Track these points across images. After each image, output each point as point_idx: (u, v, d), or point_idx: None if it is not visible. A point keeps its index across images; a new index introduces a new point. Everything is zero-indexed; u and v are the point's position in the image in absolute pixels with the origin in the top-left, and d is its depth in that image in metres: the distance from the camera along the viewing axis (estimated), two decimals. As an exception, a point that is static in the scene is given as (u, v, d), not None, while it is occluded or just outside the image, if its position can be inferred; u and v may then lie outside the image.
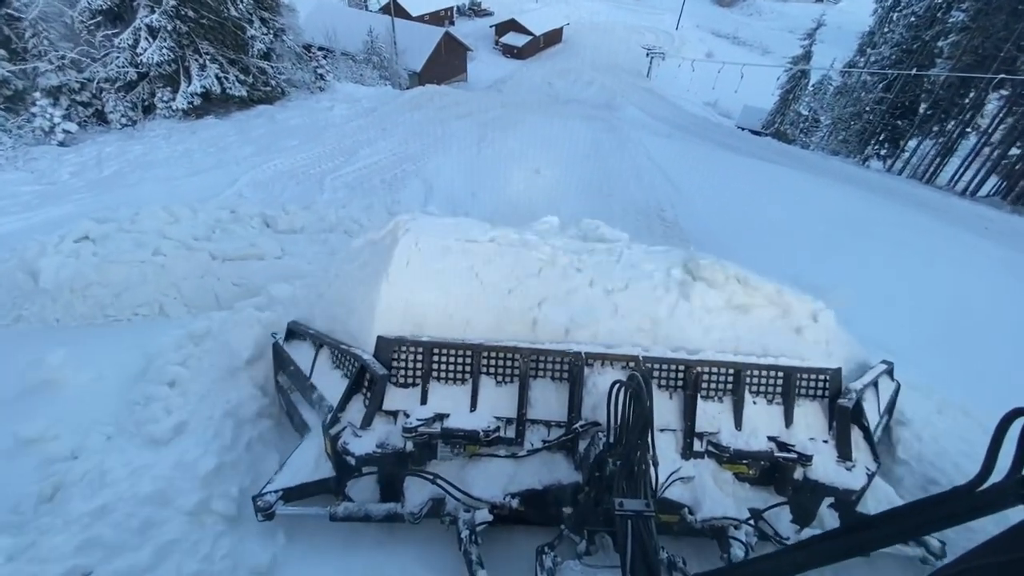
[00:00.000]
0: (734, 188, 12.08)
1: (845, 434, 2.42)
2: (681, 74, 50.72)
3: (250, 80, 21.42)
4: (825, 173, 17.84)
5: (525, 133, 16.21)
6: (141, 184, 11.50)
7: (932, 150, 31.79)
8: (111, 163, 13.74)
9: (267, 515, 2.32)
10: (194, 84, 19.35)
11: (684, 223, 9.75)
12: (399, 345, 2.54)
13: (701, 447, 2.47)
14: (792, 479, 2.41)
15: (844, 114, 33.97)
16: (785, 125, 39.53)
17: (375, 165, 13.24)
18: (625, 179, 12.29)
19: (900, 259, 8.69)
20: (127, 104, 19.31)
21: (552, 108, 23.10)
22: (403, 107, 20.67)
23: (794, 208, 10.54)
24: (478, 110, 20.06)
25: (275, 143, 15.71)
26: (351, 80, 31.05)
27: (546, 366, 2.60)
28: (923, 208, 14.12)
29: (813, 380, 2.54)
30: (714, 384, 2.53)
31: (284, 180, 12.15)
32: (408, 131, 16.70)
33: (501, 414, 2.53)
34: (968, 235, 11.03)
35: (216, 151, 14.95)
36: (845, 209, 10.87)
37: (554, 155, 14.12)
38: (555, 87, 41.39)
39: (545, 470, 2.46)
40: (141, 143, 15.77)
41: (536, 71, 47.78)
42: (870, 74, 33.47)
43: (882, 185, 19.07)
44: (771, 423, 2.49)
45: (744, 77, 40.75)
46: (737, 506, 2.39)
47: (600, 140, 15.79)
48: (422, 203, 10.45)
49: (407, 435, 2.37)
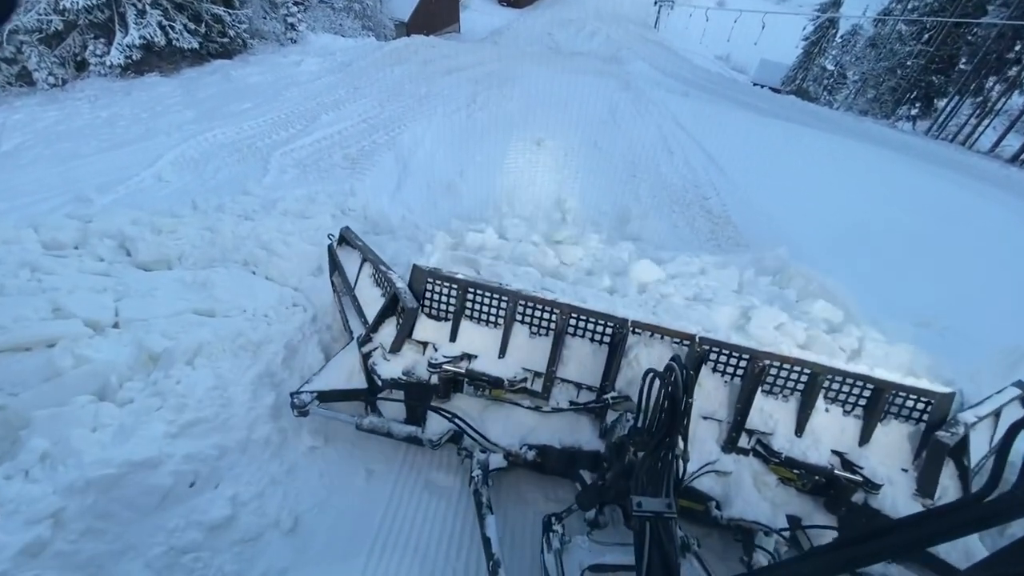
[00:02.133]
0: (787, 165, 9.56)
1: (934, 469, 2.04)
2: (692, 24, 47.06)
3: (203, 30, 18.26)
4: (875, 140, 15.23)
5: (525, 92, 13.45)
6: (34, 165, 8.95)
7: (969, 110, 28.72)
8: (13, 135, 11.07)
9: (302, 412, 2.44)
10: (131, 34, 16.29)
11: (737, 217, 7.36)
12: (433, 278, 2.48)
13: (747, 444, 2.24)
14: (849, 501, 2.14)
15: (877, 68, 30.50)
16: (808, 81, 35.93)
17: (339, 135, 10.63)
18: (652, 153, 9.71)
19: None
20: (54, 60, 16.29)
21: (554, 61, 20.03)
22: (382, 61, 17.68)
23: (878, 197, 8.12)
24: (470, 64, 17.13)
25: (223, 106, 12.98)
26: (329, 31, 27.78)
27: (586, 326, 2.45)
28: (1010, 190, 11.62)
29: (911, 401, 2.17)
30: (781, 382, 2.26)
31: (223, 156, 9.60)
32: (385, 90, 13.95)
33: (530, 366, 2.43)
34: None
35: (149, 117, 12.25)
36: (938, 195, 8.46)
37: (560, 120, 11.49)
38: (556, 38, 38.13)
39: (567, 430, 2.38)
40: (59, 108, 13.03)
41: (535, 21, 44.36)
42: (907, 23, 29.90)
43: (940, 156, 16.46)
44: (841, 436, 2.19)
45: (763, 29, 37.18)
46: (774, 511, 2.16)
47: (616, 101, 13.05)
48: (392, 191, 7.98)
49: (431, 370, 2.39)
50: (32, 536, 1.90)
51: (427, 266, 2.53)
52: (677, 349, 2.32)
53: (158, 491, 2.27)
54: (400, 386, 2.46)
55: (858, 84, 33.08)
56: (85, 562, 1.99)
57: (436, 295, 2.50)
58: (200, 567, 2.17)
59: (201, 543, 2.23)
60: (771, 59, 39.10)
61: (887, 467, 2.14)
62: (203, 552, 2.22)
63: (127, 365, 2.92)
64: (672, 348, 2.33)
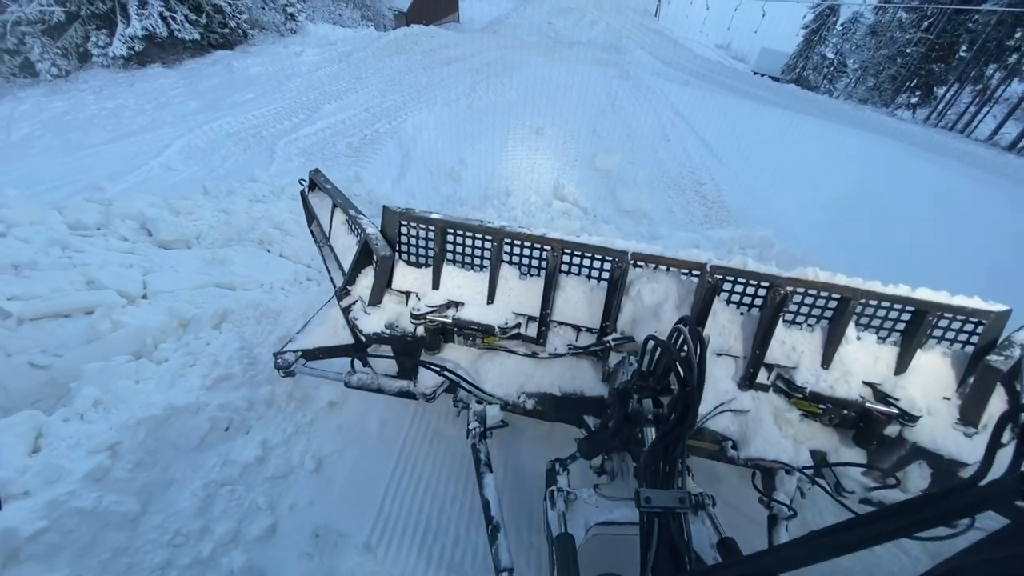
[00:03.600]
0: (782, 152, 9.77)
1: (982, 397, 1.80)
2: (693, 12, 46.90)
3: (203, 20, 18.37)
4: (871, 128, 15.41)
5: (524, 82, 13.60)
6: (44, 155, 9.17)
7: (968, 98, 28.76)
8: (22, 125, 11.29)
9: (287, 372, 2.25)
10: (133, 25, 16.42)
11: (731, 202, 7.59)
12: (407, 219, 2.24)
13: (767, 379, 2.00)
14: (881, 434, 1.92)
15: (877, 56, 30.51)
16: (808, 70, 35.91)
17: (342, 124, 10.83)
18: (649, 139, 9.92)
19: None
20: (57, 51, 16.44)
21: (554, 51, 20.12)
22: (383, 51, 17.78)
23: (870, 181, 8.35)
24: (470, 54, 17.23)
25: (227, 97, 13.16)
26: (328, 21, 27.84)
27: (581, 262, 2.21)
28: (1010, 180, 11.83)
29: (958, 323, 1.89)
30: (805, 310, 2.01)
31: (228, 145, 9.81)
32: (387, 80, 14.10)
33: (523, 310, 2.23)
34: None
35: (154, 108, 12.44)
36: (926, 180, 8.68)
37: (560, 108, 11.68)
38: (556, 28, 37.92)
39: (568, 376, 2.23)
40: (65, 99, 13.22)
41: (535, 10, 44.07)
42: (908, 10, 29.86)
43: (937, 144, 16.63)
44: (874, 366, 1.95)
45: (763, 16, 37.09)
46: (796, 448, 1.96)
47: (615, 90, 13.22)
48: (395, 178, 8.20)
49: (415, 321, 2.21)
50: (94, 463, 2.18)
51: (399, 207, 2.25)
52: (685, 281, 2.10)
53: (197, 433, 2.55)
54: (385, 340, 2.28)
55: (858, 72, 33.10)
56: (139, 489, 2.28)
57: (413, 239, 2.30)
58: (236, 498, 2.46)
59: (236, 479, 2.52)
60: (771, 48, 39.07)
61: (927, 397, 1.91)
62: (238, 486, 2.50)
63: (160, 329, 3.19)
64: (679, 280, 2.10)
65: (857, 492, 1.92)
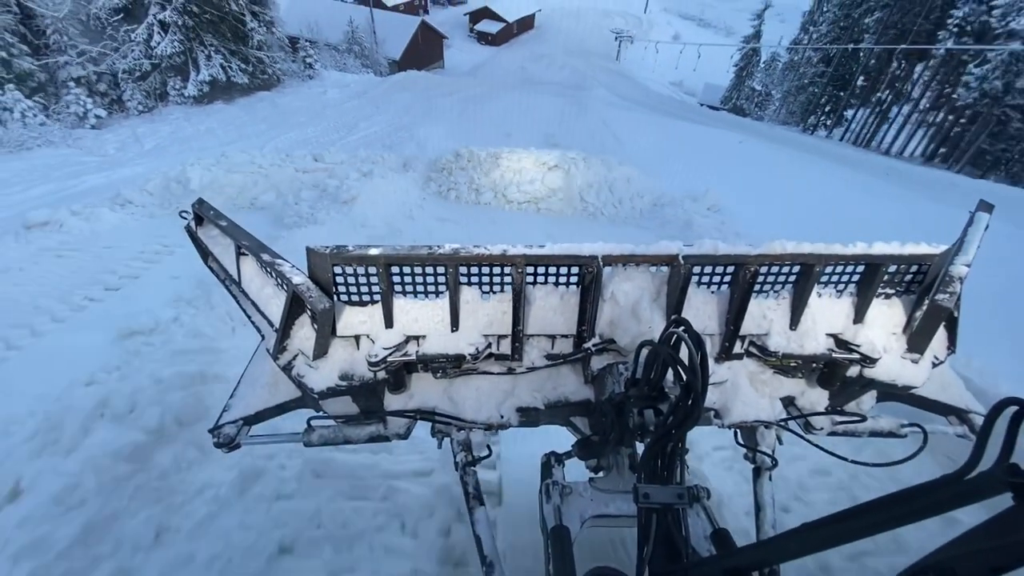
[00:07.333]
0: (660, 139, 15.10)
1: (928, 330, 1.90)
2: (648, 56, 54.04)
3: (250, 69, 23.75)
4: (766, 137, 21.00)
5: (500, 107, 18.95)
6: (183, 154, 14.00)
7: (869, 117, 35.34)
8: (148, 140, 16.15)
9: (231, 447, 1.96)
10: (203, 73, 21.66)
11: (616, 150, 12.80)
12: (339, 261, 1.76)
13: (741, 348, 2.04)
14: (843, 376, 2.04)
15: (792, 87, 37.31)
16: (741, 100, 42.79)
17: (375, 134, 15.88)
18: (580, 137, 15.17)
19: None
20: (143, 92, 21.53)
21: (524, 88, 25.85)
22: (391, 89, 23.24)
23: (700, 150, 13.68)
24: (458, 90, 22.73)
25: (284, 120, 18.22)
26: (336, 69, 33.43)
27: (547, 271, 1.97)
28: (837, 160, 17.40)
29: (903, 271, 2.00)
30: (772, 279, 1.99)
31: (300, 148, 14.74)
32: (399, 108, 19.32)
33: (491, 331, 1.97)
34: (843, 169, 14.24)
35: (234, 128, 17.43)
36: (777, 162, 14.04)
37: (524, 122, 16.93)
38: (529, 71, 43.85)
39: (549, 386, 2.07)
40: (167, 124, 18.15)
41: (511, 57, 50.27)
42: (813, 50, 36.80)
43: (809, 145, 22.35)
44: (834, 319, 2.02)
45: (705, 57, 44.17)
46: (771, 403, 2.06)
47: (565, 111, 18.63)
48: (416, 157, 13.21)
49: (374, 368, 1.84)
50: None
51: (324, 248, 1.77)
52: (657, 275, 2.00)
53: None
54: (343, 392, 1.90)
55: (781, 101, 39.89)
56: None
57: (352, 278, 1.86)
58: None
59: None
60: (713, 83, 46.05)
61: (884, 339, 1.98)
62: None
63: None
64: (651, 275, 2.00)
65: (825, 428, 2.09)
